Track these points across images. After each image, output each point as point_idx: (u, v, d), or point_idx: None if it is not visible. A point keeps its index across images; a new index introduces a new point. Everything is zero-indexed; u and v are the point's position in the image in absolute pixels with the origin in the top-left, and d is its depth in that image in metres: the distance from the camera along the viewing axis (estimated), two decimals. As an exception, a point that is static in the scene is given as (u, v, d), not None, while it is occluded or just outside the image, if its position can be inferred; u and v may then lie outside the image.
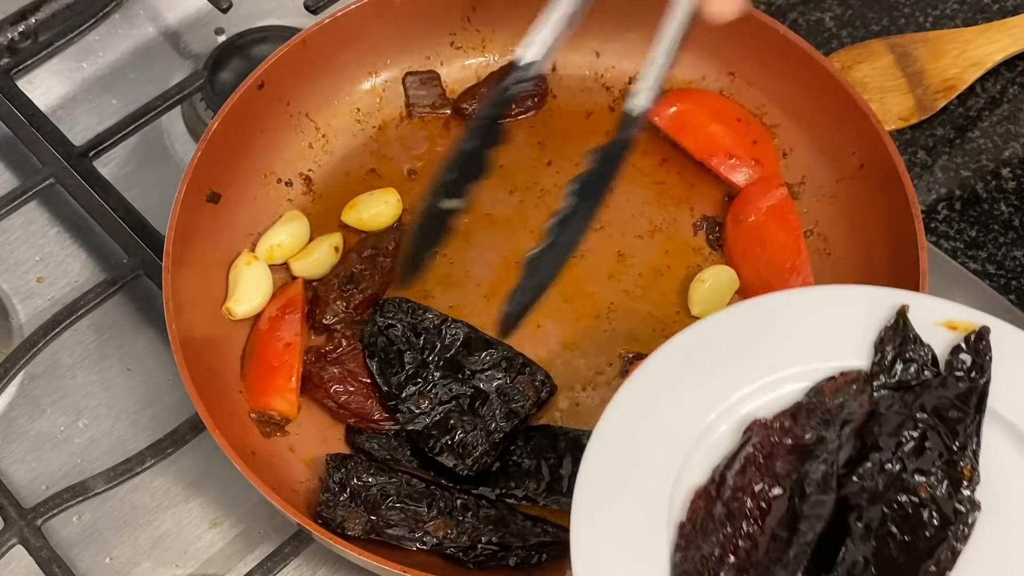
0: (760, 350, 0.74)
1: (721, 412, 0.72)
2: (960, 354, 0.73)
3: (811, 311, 0.75)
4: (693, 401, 0.72)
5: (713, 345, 0.74)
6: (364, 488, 0.83)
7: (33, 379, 0.95)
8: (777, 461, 0.70)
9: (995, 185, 1.02)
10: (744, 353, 0.73)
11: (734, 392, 0.72)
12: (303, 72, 0.98)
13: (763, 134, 0.99)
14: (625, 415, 0.71)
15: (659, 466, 0.70)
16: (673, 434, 0.71)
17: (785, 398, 0.73)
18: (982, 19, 1.11)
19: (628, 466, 0.70)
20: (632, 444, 0.70)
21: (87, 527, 0.89)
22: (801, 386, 0.73)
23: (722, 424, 0.72)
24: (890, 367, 0.73)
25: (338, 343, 0.90)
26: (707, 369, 0.73)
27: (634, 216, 0.98)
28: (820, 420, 0.71)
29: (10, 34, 1.09)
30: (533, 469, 0.86)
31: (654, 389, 0.72)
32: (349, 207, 0.97)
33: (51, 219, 1.03)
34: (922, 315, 0.73)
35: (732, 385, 0.73)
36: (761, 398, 0.73)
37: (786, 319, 0.75)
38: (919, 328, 0.73)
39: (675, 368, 0.73)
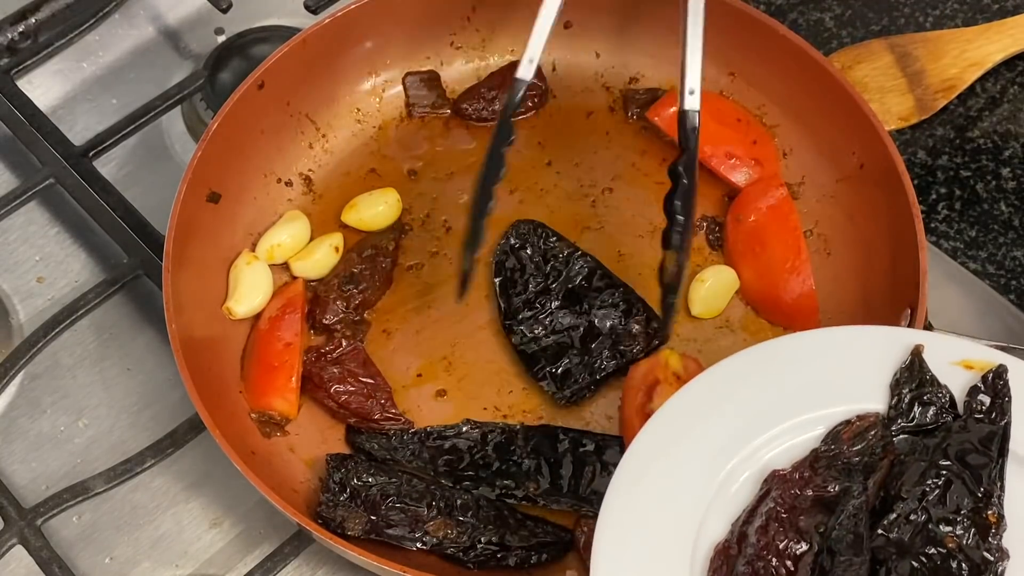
0: (774, 396, 0.73)
1: (738, 462, 0.71)
2: (978, 395, 0.72)
3: (824, 353, 0.75)
4: (709, 451, 0.71)
5: (726, 392, 0.73)
6: (364, 488, 0.83)
7: (33, 379, 0.95)
8: (800, 515, 0.70)
9: (995, 185, 1.02)
10: (758, 399, 0.73)
11: (750, 440, 0.72)
12: (303, 72, 0.98)
13: (763, 134, 0.99)
14: (641, 467, 0.71)
15: (678, 521, 0.70)
16: (691, 487, 0.70)
17: (802, 445, 0.72)
18: (982, 19, 1.11)
19: (647, 521, 0.69)
20: (649, 498, 0.70)
21: (87, 527, 0.89)
22: (818, 432, 0.72)
23: (741, 474, 0.71)
24: (908, 410, 0.72)
25: (338, 343, 0.90)
26: (721, 418, 0.72)
27: (634, 216, 0.98)
28: (841, 470, 0.71)
29: (10, 34, 1.09)
30: (533, 469, 0.86)
31: (669, 440, 0.72)
32: (349, 207, 0.97)
33: (51, 219, 1.03)
34: (937, 354, 0.73)
35: (748, 433, 0.72)
36: (778, 445, 0.72)
37: (798, 362, 0.74)
38: (935, 367, 0.73)
39: (689, 417, 0.72)
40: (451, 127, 1.02)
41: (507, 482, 0.85)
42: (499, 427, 0.88)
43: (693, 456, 0.71)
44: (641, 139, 1.01)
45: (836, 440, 0.72)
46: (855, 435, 0.72)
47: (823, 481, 0.71)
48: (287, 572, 0.86)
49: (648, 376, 0.87)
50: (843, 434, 0.72)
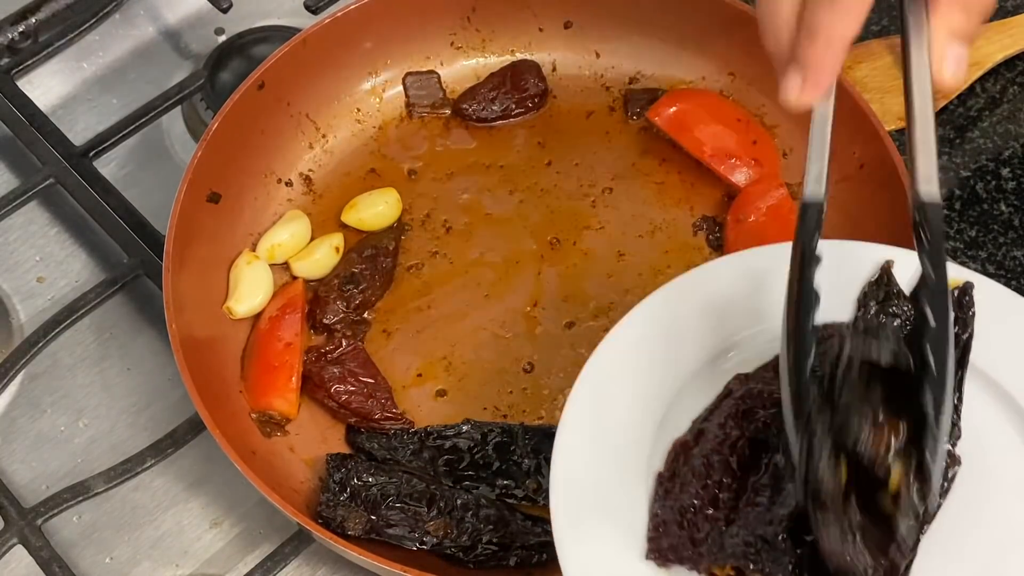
0: (742, 305, 0.73)
1: (701, 366, 0.72)
2: None
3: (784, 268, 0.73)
4: (674, 356, 0.72)
5: (697, 298, 0.73)
6: (364, 488, 0.83)
7: (33, 379, 0.95)
8: (759, 411, 0.69)
9: (995, 185, 1.02)
10: (727, 307, 0.73)
11: (717, 346, 0.72)
12: (303, 72, 0.98)
13: (763, 134, 0.99)
14: (607, 366, 0.71)
15: (639, 419, 0.70)
16: (654, 387, 0.71)
17: (767, 354, 0.72)
18: (982, 19, 1.10)
19: (608, 418, 0.70)
20: (612, 397, 0.71)
21: (87, 527, 0.89)
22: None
23: (701, 380, 0.71)
24: (871, 321, 0.71)
25: (338, 343, 0.90)
26: (690, 323, 0.73)
27: (634, 216, 0.98)
28: None
29: (10, 34, 1.09)
30: (533, 469, 0.86)
31: (638, 339, 0.72)
32: (349, 207, 0.97)
33: (51, 219, 1.03)
34: (907, 271, 0.72)
35: (713, 341, 0.72)
36: (742, 353, 0.72)
37: (769, 274, 0.74)
38: (904, 284, 0.72)
39: (660, 320, 0.73)
40: (451, 127, 1.02)
41: (507, 482, 0.85)
42: (499, 427, 0.88)
43: (658, 359, 0.71)
44: (641, 139, 1.01)
45: None
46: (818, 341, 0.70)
47: None
48: (287, 572, 0.86)
49: None
50: None
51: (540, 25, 1.04)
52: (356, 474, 0.84)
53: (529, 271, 0.95)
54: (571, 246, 0.96)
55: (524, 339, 0.92)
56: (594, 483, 0.69)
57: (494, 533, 0.83)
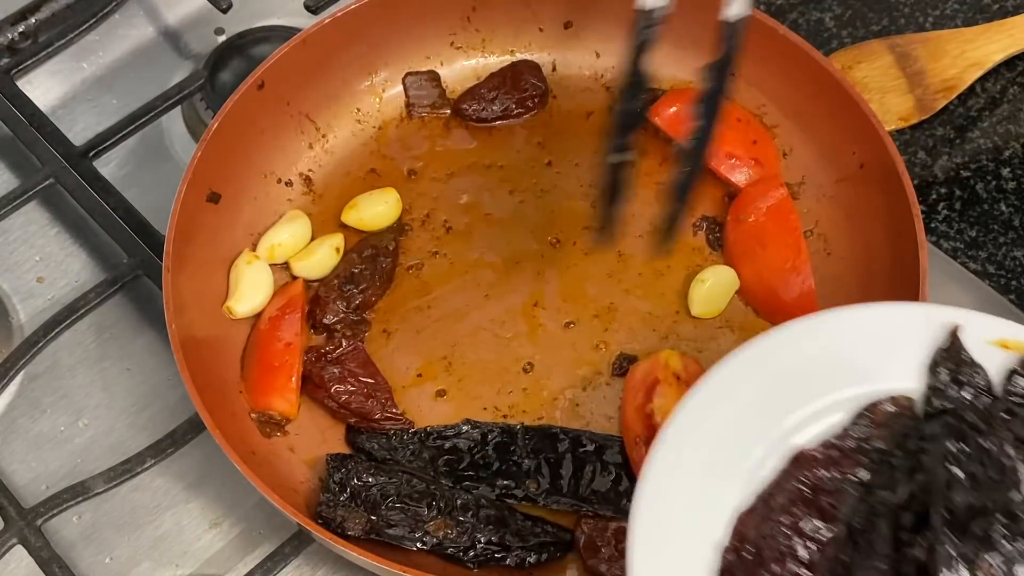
0: (804, 375, 0.71)
1: (769, 445, 0.69)
2: (1016, 377, 0.70)
3: (857, 331, 0.72)
4: (740, 434, 0.69)
5: (756, 373, 0.71)
6: (364, 488, 0.83)
7: (33, 379, 0.95)
8: (824, 498, 0.68)
9: (995, 185, 1.02)
10: (787, 380, 0.71)
11: (780, 422, 0.70)
12: (303, 72, 0.98)
13: (763, 134, 0.99)
14: (671, 455, 0.69)
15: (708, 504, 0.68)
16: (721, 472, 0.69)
17: (832, 426, 0.70)
18: (982, 19, 1.11)
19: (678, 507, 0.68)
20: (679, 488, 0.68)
21: (87, 527, 0.89)
22: (849, 412, 0.70)
23: (770, 459, 0.69)
24: (944, 391, 0.70)
25: (338, 343, 0.90)
26: (750, 400, 0.70)
27: (634, 216, 0.98)
28: (869, 454, 0.69)
29: (10, 34, 1.09)
30: (533, 469, 0.86)
31: (700, 422, 0.70)
32: (349, 207, 0.97)
33: (51, 219, 1.03)
34: (973, 334, 0.71)
35: (777, 415, 0.70)
36: (808, 428, 0.70)
37: (831, 341, 0.72)
38: (971, 348, 0.71)
39: (720, 398, 0.70)
40: (451, 127, 1.02)
41: (507, 482, 0.85)
42: (499, 427, 0.88)
43: (723, 439, 0.69)
44: (641, 139, 1.01)
45: (867, 422, 0.70)
46: (885, 418, 0.70)
47: (851, 465, 0.69)
48: (287, 572, 0.86)
49: (648, 376, 0.87)
50: (872, 416, 0.70)
51: (540, 25, 1.04)
52: (356, 474, 0.84)
53: (529, 271, 0.95)
54: (571, 246, 0.96)
55: (524, 339, 0.92)
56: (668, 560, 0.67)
57: (494, 533, 0.83)
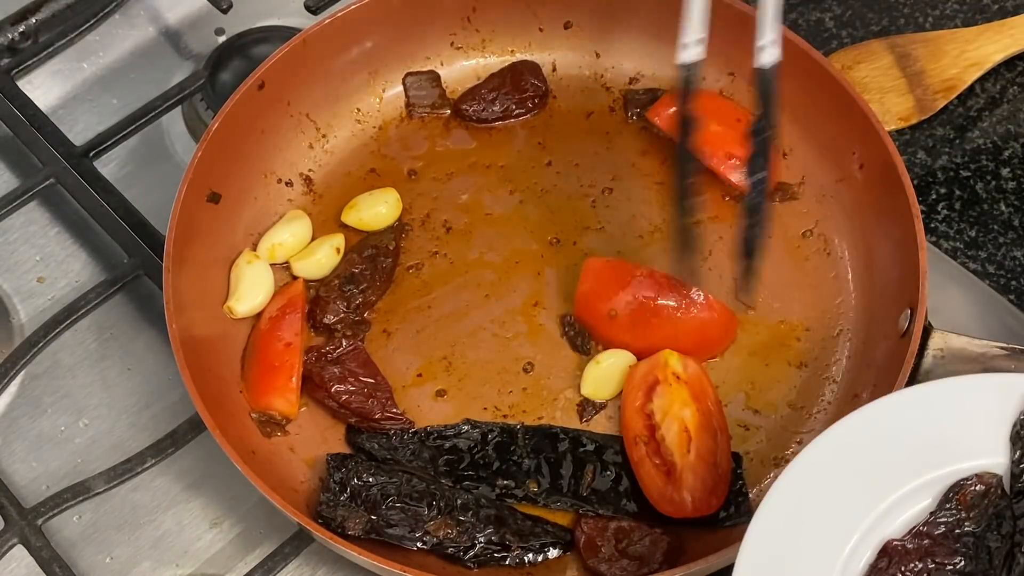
0: (885, 461, 0.69)
1: (858, 539, 0.68)
2: None
3: (934, 409, 0.71)
4: (827, 532, 0.68)
5: (837, 466, 0.69)
6: (364, 488, 0.83)
7: (34, 379, 0.95)
8: None
9: (995, 185, 1.02)
10: (871, 468, 0.69)
11: (867, 514, 0.68)
12: (303, 72, 0.98)
13: (763, 134, 0.99)
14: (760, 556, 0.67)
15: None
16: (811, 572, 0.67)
17: (919, 513, 0.68)
18: (982, 19, 1.11)
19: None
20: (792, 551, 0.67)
21: (87, 527, 0.89)
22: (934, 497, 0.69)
23: (863, 552, 0.68)
24: None
25: (338, 343, 0.90)
26: (834, 492, 0.69)
27: (634, 216, 0.98)
28: (960, 539, 0.67)
29: (10, 34, 1.09)
30: (533, 469, 0.86)
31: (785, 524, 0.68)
32: (349, 207, 0.97)
33: (51, 219, 1.03)
34: None
35: (863, 507, 0.68)
36: (895, 516, 0.68)
37: (907, 421, 0.70)
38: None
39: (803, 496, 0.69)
40: (451, 127, 1.02)
41: (507, 482, 0.85)
42: (499, 427, 0.88)
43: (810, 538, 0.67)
44: (641, 139, 1.01)
45: (954, 505, 0.68)
46: (973, 499, 0.68)
47: (945, 554, 0.67)
48: (287, 572, 0.86)
49: (648, 376, 0.87)
50: (959, 498, 0.68)
51: (540, 25, 1.04)
52: (356, 474, 0.84)
53: (529, 271, 0.95)
54: (571, 246, 0.96)
55: (524, 339, 0.92)
56: None
57: (494, 533, 0.83)
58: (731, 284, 0.94)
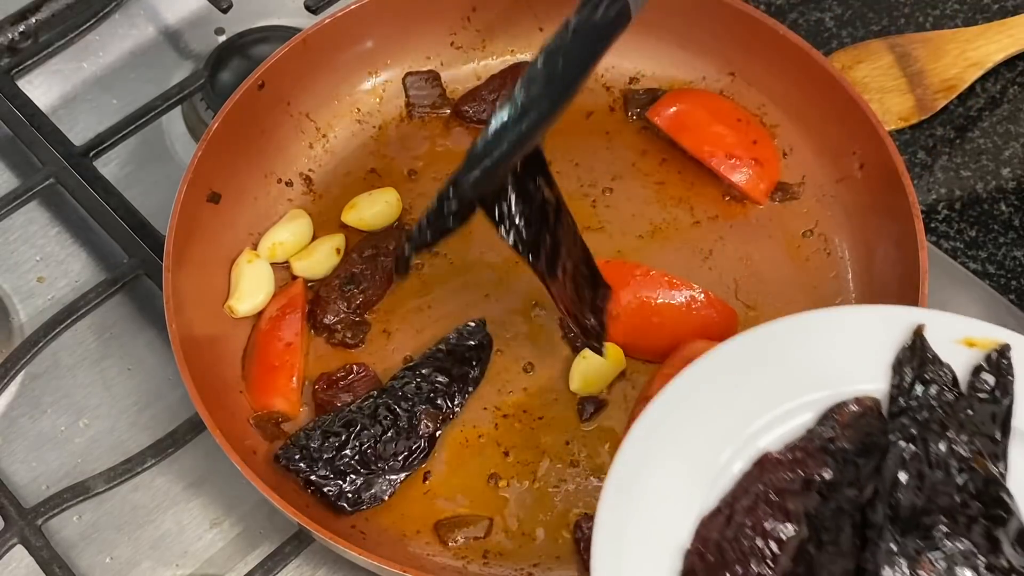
0: (770, 379, 0.72)
1: (734, 449, 0.70)
2: (982, 374, 0.71)
3: (822, 335, 0.73)
4: (705, 438, 0.70)
5: (722, 378, 0.72)
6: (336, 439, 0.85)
7: (34, 379, 0.95)
8: (789, 498, 0.69)
9: (995, 185, 1.02)
10: (754, 384, 0.72)
11: (746, 426, 0.70)
12: (303, 72, 0.98)
13: (763, 134, 0.99)
14: (637, 457, 0.70)
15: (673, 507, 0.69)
16: (686, 475, 0.69)
17: (798, 428, 0.71)
18: (982, 19, 1.11)
19: (642, 509, 0.69)
20: (645, 491, 0.69)
21: (87, 527, 0.89)
22: (815, 414, 0.71)
23: (736, 462, 0.70)
24: (909, 390, 0.71)
25: (349, 368, 0.89)
26: (717, 404, 0.71)
27: (634, 216, 0.98)
28: (834, 454, 0.70)
29: (10, 34, 1.09)
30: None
31: (664, 430, 0.70)
32: (349, 207, 0.97)
33: (51, 219, 1.03)
34: (939, 333, 0.72)
35: (744, 419, 0.71)
36: (774, 430, 0.71)
37: (796, 345, 0.73)
38: (937, 346, 0.71)
39: (685, 403, 0.71)
40: (451, 127, 1.02)
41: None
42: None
43: (688, 443, 0.70)
44: (641, 139, 1.01)
45: (831, 423, 0.71)
46: (850, 419, 0.71)
47: (816, 465, 0.70)
48: (287, 572, 0.86)
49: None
50: (838, 417, 0.71)
51: (540, 25, 1.04)
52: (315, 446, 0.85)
53: (529, 271, 0.95)
54: (571, 246, 0.96)
55: (524, 339, 0.92)
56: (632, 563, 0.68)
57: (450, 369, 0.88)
58: (731, 284, 0.94)
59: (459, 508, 0.86)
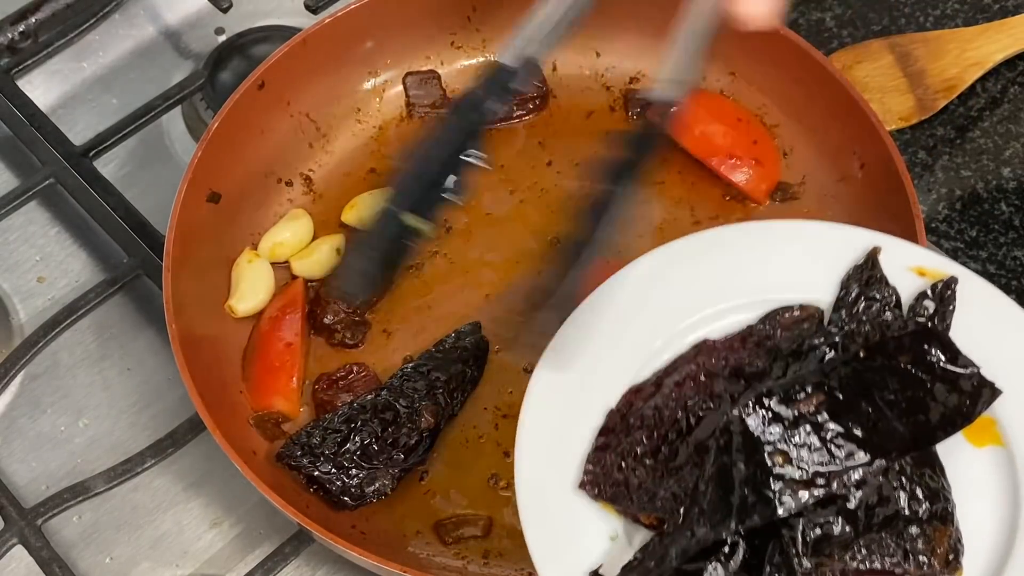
0: (721, 277, 0.74)
1: (674, 334, 0.73)
2: (924, 300, 0.72)
3: (780, 243, 0.75)
4: (650, 321, 0.73)
5: (676, 267, 0.74)
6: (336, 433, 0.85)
7: (33, 379, 0.95)
8: (717, 381, 0.70)
9: (995, 185, 1.02)
10: (708, 278, 0.74)
11: (691, 315, 0.73)
12: (303, 72, 0.98)
13: (763, 134, 0.99)
14: (579, 330, 0.72)
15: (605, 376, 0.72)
16: (623, 352, 0.72)
17: (740, 324, 0.73)
18: (982, 19, 1.11)
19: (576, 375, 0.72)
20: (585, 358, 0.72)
21: (87, 527, 0.89)
22: (757, 315, 0.73)
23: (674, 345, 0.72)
24: (852, 304, 0.72)
25: (349, 368, 0.89)
26: (670, 291, 0.74)
27: (634, 216, 0.97)
28: (768, 350, 0.71)
29: (10, 34, 1.09)
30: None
31: (608, 309, 0.73)
32: (349, 207, 0.97)
33: (51, 219, 1.03)
34: (894, 259, 0.73)
35: (691, 307, 0.73)
36: (716, 323, 0.73)
37: (752, 247, 0.75)
38: (889, 271, 0.73)
39: (634, 289, 0.74)
40: (451, 127, 1.02)
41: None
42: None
43: (630, 327, 0.73)
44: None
45: (772, 323, 0.72)
46: (791, 322, 0.72)
47: (748, 356, 0.71)
48: (287, 572, 0.86)
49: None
50: (780, 319, 0.72)
51: (540, 25, 1.04)
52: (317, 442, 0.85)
53: (529, 271, 0.95)
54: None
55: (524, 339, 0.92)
56: (559, 419, 0.71)
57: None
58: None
59: (459, 508, 0.86)
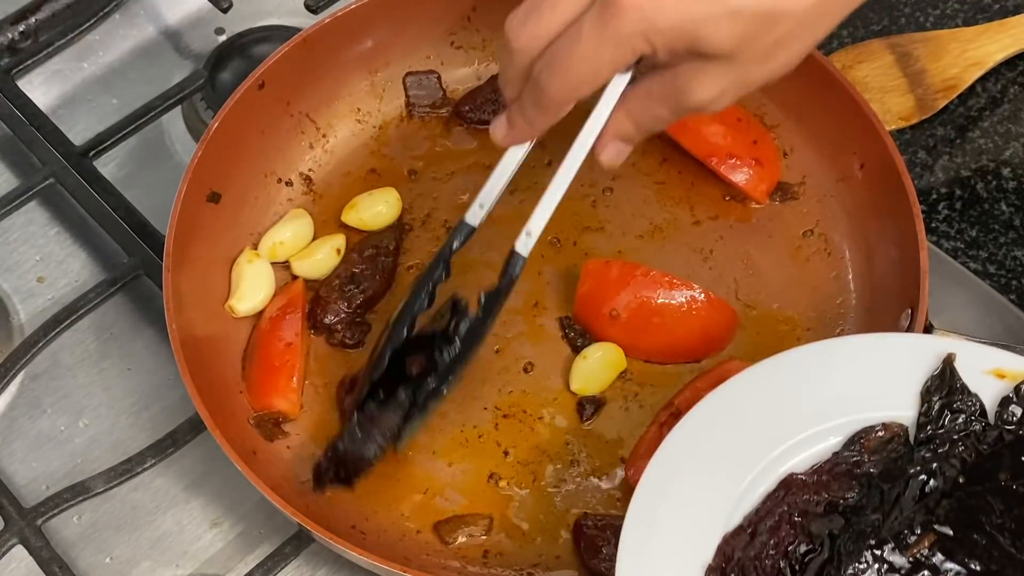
0: (800, 403, 0.72)
1: (759, 471, 0.71)
2: (1010, 406, 0.71)
3: (853, 361, 0.74)
4: (732, 459, 0.71)
5: (752, 400, 0.73)
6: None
7: (33, 379, 0.95)
8: (812, 521, 0.69)
9: (996, 185, 1.02)
10: (784, 407, 0.72)
11: (774, 448, 0.71)
12: (303, 72, 0.98)
13: (763, 134, 0.99)
14: (664, 479, 0.71)
15: (698, 526, 0.69)
16: (712, 498, 0.70)
17: (825, 452, 0.72)
18: (983, 19, 1.10)
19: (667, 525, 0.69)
20: (672, 510, 0.70)
21: (87, 527, 0.89)
22: (842, 439, 0.72)
23: (761, 484, 0.71)
24: (937, 418, 0.71)
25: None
26: (746, 425, 0.72)
27: (634, 216, 0.98)
28: (859, 478, 0.70)
29: (10, 34, 1.09)
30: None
31: (692, 450, 0.71)
32: (349, 207, 0.97)
33: (51, 219, 1.03)
34: (969, 363, 0.72)
35: (772, 441, 0.71)
36: (800, 453, 0.71)
37: (826, 369, 0.74)
38: (966, 376, 0.72)
39: (713, 426, 0.72)
40: (451, 127, 1.02)
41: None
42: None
43: (715, 464, 0.71)
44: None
45: (858, 447, 0.71)
46: (877, 444, 0.71)
47: (839, 488, 0.70)
48: (287, 572, 0.86)
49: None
50: (865, 442, 0.71)
51: (540, 25, 1.03)
52: None
53: (529, 271, 0.95)
54: (571, 246, 0.96)
55: (524, 339, 0.92)
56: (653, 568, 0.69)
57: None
58: (731, 284, 0.94)
59: (459, 508, 0.86)
